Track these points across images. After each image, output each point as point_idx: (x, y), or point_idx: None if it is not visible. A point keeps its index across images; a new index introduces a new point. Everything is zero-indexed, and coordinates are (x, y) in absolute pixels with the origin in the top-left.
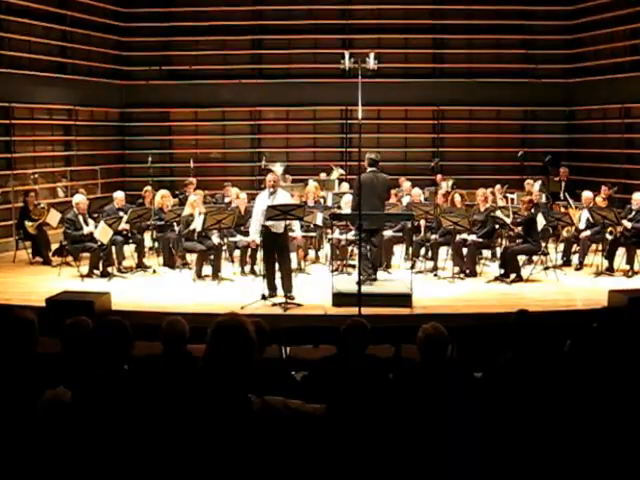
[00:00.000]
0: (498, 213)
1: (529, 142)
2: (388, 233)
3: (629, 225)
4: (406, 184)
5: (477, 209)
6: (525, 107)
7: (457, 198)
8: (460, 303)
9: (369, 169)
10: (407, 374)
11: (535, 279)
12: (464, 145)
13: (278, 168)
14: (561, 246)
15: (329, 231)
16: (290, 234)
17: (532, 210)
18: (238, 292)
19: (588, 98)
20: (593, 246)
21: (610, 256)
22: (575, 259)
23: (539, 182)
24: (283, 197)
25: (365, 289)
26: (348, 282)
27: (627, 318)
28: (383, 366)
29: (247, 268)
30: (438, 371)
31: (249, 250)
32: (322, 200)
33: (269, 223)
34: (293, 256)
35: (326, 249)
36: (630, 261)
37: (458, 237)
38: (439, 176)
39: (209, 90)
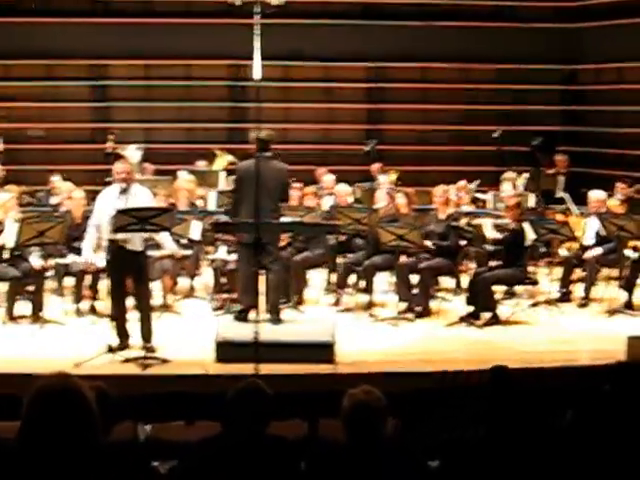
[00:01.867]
0: (464, 222)
1: (510, 117)
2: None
3: None
4: (327, 178)
5: (435, 216)
6: (503, 64)
7: (401, 200)
8: (407, 356)
9: (257, 154)
10: (326, 461)
11: (519, 320)
12: (414, 120)
13: (133, 153)
14: (558, 271)
15: (210, 249)
16: (153, 253)
17: (519, 220)
18: (71, 341)
19: (597, 52)
20: (605, 271)
21: (630, 286)
22: (579, 291)
23: (525, 176)
24: (140, 197)
25: (266, 337)
26: (239, 326)
27: None
28: (291, 451)
29: (85, 304)
30: (372, 457)
31: (88, 277)
32: (200, 202)
33: (119, 236)
34: (155, 286)
35: (206, 276)
36: None
37: (404, 258)
38: (376, 166)
39: (26, 33)
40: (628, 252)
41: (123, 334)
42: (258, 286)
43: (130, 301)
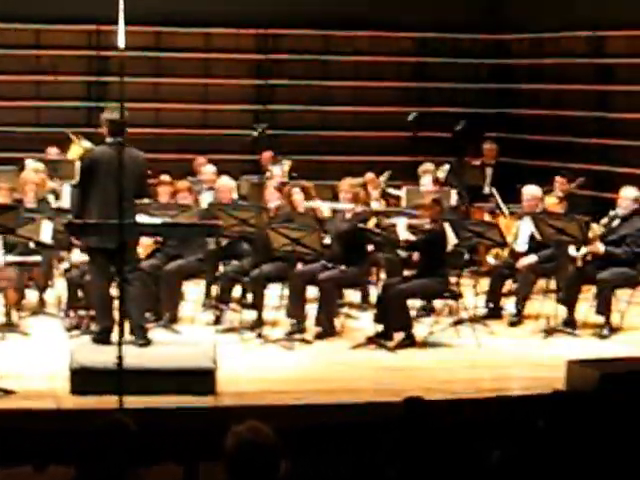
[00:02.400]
0: (372, 224)
1: (428, 96)
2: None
3: (602, 249)
4: (207, 169)
5: (342, 215)
6: (419, 33)
7: (297, 196)
8: (304, 385)
9: (109, 139)
10: None
11: (439, 342)
12: (314, 100)
13: None
14: (485, 283)
15: (65, 255)
16: None
17: (439, 220)
18: None
19: (533, 20)
20: (540, 283)
21: (570, 301)
22: (510, 306)
23: (445, 168)
24: None
25: (132, 363)
26: (99, 349)
27: (598, 410)
28: None
29: None
30: None
31: None
32: (51, 197)
33: None
34: None
35: (59, 288)
36: (604, 308)
37: (301, 266)
38: (267, 155)
39: None
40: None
41: None
42: (113, 301)
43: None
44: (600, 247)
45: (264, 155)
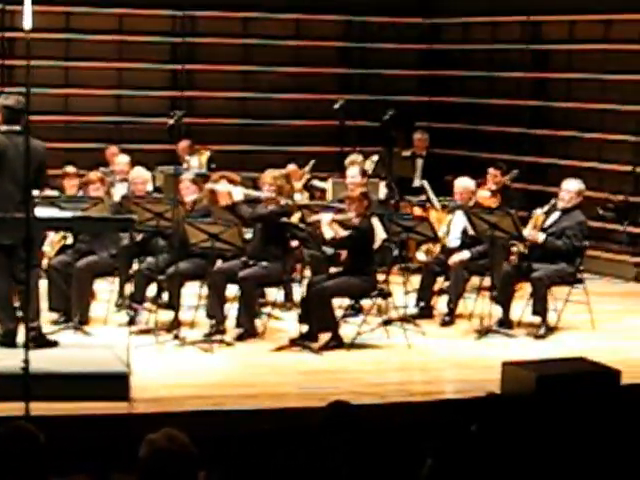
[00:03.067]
0: (296, 218)
1: (356, 83)
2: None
3: (541, 238)
4: (121, 160)
5: (265, 204)
6: (346, 16)
7: (221, 188)
8: (223, 390)
9: (4, 127)
10: None
11: (366, 343)
12: (233, 86)
13: None
14: (415, 281)
15: None
16: None
17: (367, 215)
18: None
19: (465, 2)
20: (474, 280)
21: (504, 299)
22: (442, 305)
23: (374, 159)
24: None
25: (39, 367)
26: (3, 353)
27: (534, 415)
28: None
29: None
30: None
31: None
32: None
33: None
34: None
35: None
36: (540, 307)
37: (220, 263)
38: (184, 144)
39: None
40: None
41: None
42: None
43: None
44: (540, 236)
45: (181, 145)
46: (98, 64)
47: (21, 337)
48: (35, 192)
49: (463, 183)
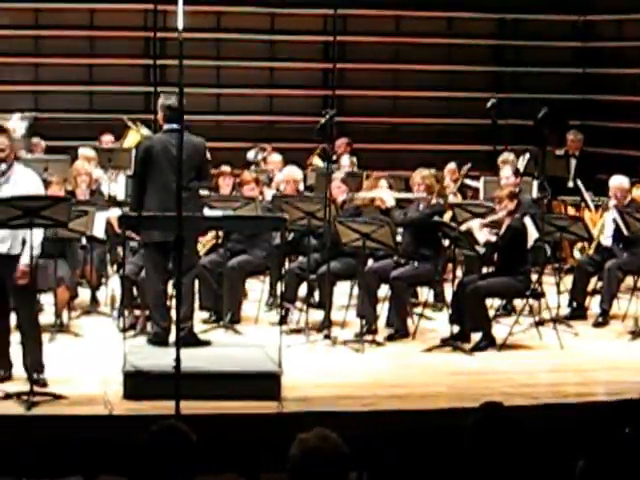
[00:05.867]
0: (448, 217)
1: (509, 81)
2: (243, 257)
3: None
4: (274, 158)
5: (416, 205)
6: (499, 14)
7: (383, 183)
8: (374, 390)
9: (166, 126)
10: None
11: (518, 344)
12: (384, 85)
13: (16, 124)
14: (568, 281)
15: (120, 250)
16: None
17: (516, 214)
18: None
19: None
20: (628, 281)
21: None
22: (595, 306)
23: (526, 156)
24: (22, 183)
25: (191, 366)
26: (155, 351)
27: None
28: None
29: None
30: None
31: None
32: (104, 187)
33: None
34: (47, 299)
35: (112, 287)
36: None
37: (372, 263)
38: (342, 142)
39: None
40: None
41: (2, 362)
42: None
43: (12, 319)
44: None
45: (339, 142)
46: (249, 64)
47: (173, 336)
48: (205, 192)
49: (617, 181)
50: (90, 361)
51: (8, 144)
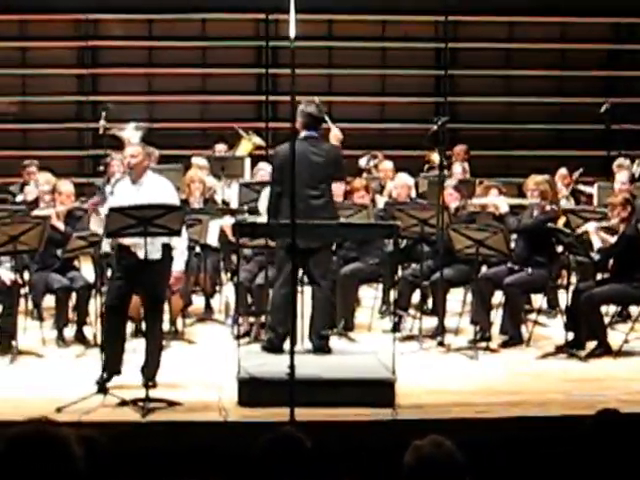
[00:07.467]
0: (562, 223)
1: (622, 86)
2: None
3: None
4: (385, 165)
5: (530, 212)
6: (613, 18)
7: (494, 192)
8: (489, 397)
9: (303, 133)
10: None
11: (634, 351)
12: (496, 91)
13: (131, 134)
14: None
15: (234, 258)
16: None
17: (631, 221)
18: (51, 378)
19: None
20: None
21: None
22: None
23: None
24: (154, 191)
25: (305, 373)
26: (270, 358)
27: None
28: None
29: (70, 331)
30: None
31: (78, 295)
32: (217, 196)
33: (127, 241)
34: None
35: (227, 294)
36: None
37: (485, 270)
38: (460, 148)
39: None
40: None
41: (115, 363)
42: (295, 307)
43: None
44: None
45: (457, 149)
46: (361, 71)
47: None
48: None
49: None
50: (204, 368)
51: (141, 151)
